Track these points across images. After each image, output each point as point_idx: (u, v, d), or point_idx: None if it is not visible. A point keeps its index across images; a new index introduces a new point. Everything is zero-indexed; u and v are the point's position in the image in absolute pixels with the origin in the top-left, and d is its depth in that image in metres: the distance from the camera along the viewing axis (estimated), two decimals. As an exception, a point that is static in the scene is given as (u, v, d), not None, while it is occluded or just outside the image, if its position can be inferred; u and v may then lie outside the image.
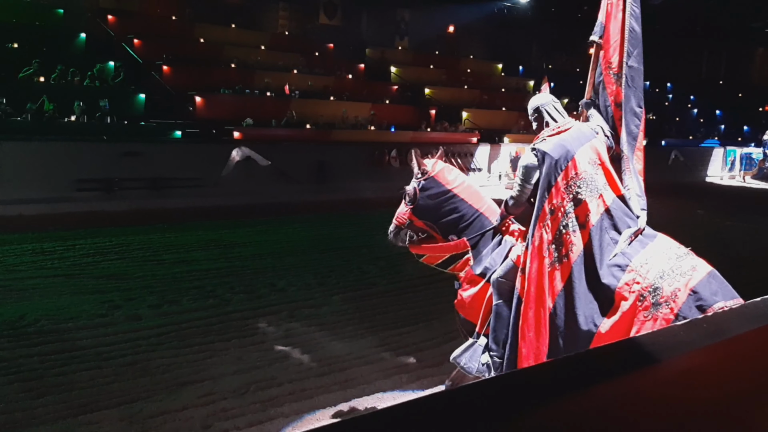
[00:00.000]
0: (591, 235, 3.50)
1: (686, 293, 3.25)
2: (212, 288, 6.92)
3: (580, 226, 3.53)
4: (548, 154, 3.62)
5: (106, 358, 5.02)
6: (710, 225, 12.41)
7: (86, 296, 6.52)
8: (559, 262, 3.54)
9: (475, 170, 17.80)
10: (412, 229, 4.36)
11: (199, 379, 4.68)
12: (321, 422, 4.11)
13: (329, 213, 12.29)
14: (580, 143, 3.67)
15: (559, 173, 3.59)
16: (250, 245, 9.20)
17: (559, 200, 3.57)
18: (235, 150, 13.61)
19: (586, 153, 3.64)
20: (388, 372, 4.92)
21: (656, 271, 3.35)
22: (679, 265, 3.36)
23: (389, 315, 6.28)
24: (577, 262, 3.49)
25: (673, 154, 23.05)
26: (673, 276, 3.32)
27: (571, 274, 3.50)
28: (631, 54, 3.89)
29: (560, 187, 3.57)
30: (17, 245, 8.50)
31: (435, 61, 24.83)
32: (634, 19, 3.91)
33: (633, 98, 3.91)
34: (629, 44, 3.89)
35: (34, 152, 11.64)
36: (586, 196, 3.55)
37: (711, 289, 3.27)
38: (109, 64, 15.99)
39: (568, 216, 3.55)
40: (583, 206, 3.54)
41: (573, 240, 3.51)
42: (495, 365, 3.91)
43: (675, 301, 3.27)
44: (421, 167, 4.28)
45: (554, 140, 3.70)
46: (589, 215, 3.52)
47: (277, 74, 18.78)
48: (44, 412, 4.16)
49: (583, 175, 3.58)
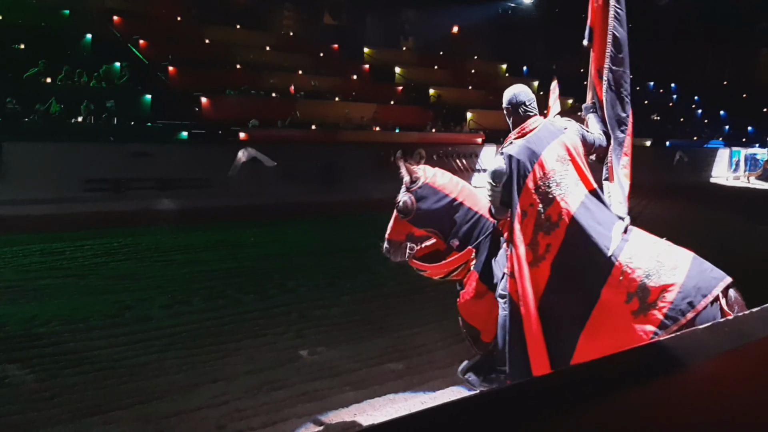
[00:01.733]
0: (566, 233, 3.48)
1: (674, 293, 3.28)
2: (222, 288, 6.95)
3: (553, 225, 3.50)
4: (514, 158, 3.59)
5: (119, 358, 5.04)
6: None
7: (97, 297, 6.55)
8: (536, 263, 3.54)
9: (480, 171, 17.80)
10: (411, 240, 4.30)
11: (212, 379, 4.70)
12: (334, 423, 4.14)
13: (337, 214, 12.32)
14: (547, 142, 3.63)
15: (527, 175, 3.55)
16: (259, 246, 9.23)
17: (531, 202, 3.54)
18: (242, 151, 13.64)
19: (553, 150, 3.60)
20: (400, 373, 4.93)
21: (642, 270, 3.37)
22: (662, 262, 3.38)
23: (400, 316, 6.29)
24: (554, 262, 3.49)
25: (677, 155, 23.04)
26: (658, 275, 3.33)
27: (550, 275, 3.50)
28: (615, 57, 3.83)
29: (530, 189, 3.54)
30: (27, 246, 8.54)
31: (440, 61, 24.84)
32: (618, 22, 3.81)
33: (617, 103, 3.85)
34: (612, 47, 3.82)
35: (43, 153, 11.70)
36: (557, 194, 3.52)
37: (695, 285, 3.31)
38: (115, 64, 16.04)
39: (540, 216, 3.52)
40: (555, 205, 3.51)
41: (548, 240, 3.50)
42: (500, 380, 3.92)
43: (664, 301, 3.30)
44: (413, 175, 4.19)
45: (520, 143, 3.66)
46: (562, 213, 3.49)
47: (282, 75, 18.84)
48: (59, 412, 4.18)
49: (551, 174, 3.54)
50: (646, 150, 22.26)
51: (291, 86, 18.05)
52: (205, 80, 16.84)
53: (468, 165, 17.49)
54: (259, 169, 13.67)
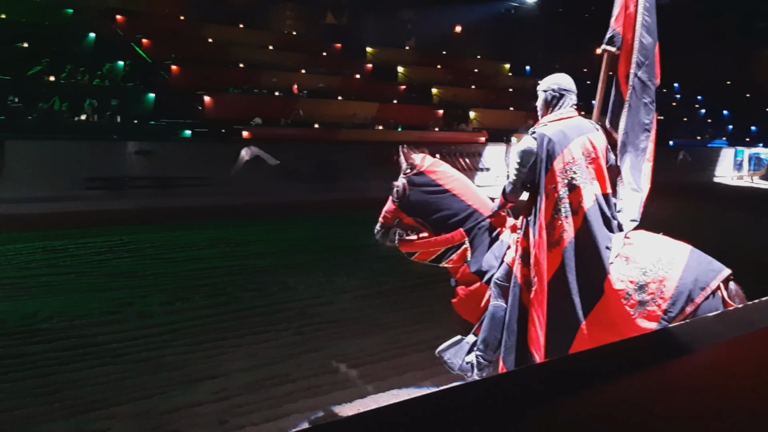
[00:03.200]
0: (583, 221, 3.49)
1: (672, 288, 3.27)
2: (223, 286, 6.94)
3: (573, 212, 3.51)
4: (547, 137, 3.60)
5: (119, 354, 5.03)
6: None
7: (98, 294, 6.54)
8: (551, 247, 3.53)
9: (483, 170, 17.79)
10: (401, 227, 4.25)
11: (213, 375, 4.69)
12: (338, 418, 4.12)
13: (337, 212, 12.30)
14: (579, 133, 3.64)
15: (555, 157, 3.56)
16: (259, 244, 9.22)
17: (554, 185, 3.55)
18: (244, 149, 13.64)
19: (582, 143, 3.61)
20: (401, 369, 4.91)
21: (639, 267, 3.37)
22: (659, 257, 3.38)
23: (400, 313, 6.27)
24: (567, 249, 3.48)
25: (680, 155, 22.99)
26: (655, 271, 3.33)
27: (562, 261, 3.49)
28: (641, 65, 3.85)
29: (556, 172, 3.55)
30: (28, 243, 8.53)
31: (442, 61, 24.83)
32: (646, 29, 3.85)
33: (642, 109, 3.85)
34: (639, 54, 3.85)
35: (44, 151, 11.72)
36: (580, 182, 3.53)
37: (694, 278, 3.30)
38: (118, 63, 16.06)
39: (561, 201, 3.52)
40: (576, 192, 3.52)
41: (565, 226, 3.50)
42: (480, 366, 3.87)
43: (662, 297, 3.29)
44: (409, 161, 4.18)
45: (555, 126, 3.67)
46: (582, 202, 3.50)
47: (284, 74, 18.84)
48: (59, 407, 4.17)
49: (578, 162, 3.56)
50: (649, 150, 22.16)
51: (294, 85, 18.05)
52: (207, 79, 16.86)
53: (471, 164, 17.48)
54: (261, 168, 13.68)
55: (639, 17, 3.85)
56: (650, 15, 3.87)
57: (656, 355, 1.49)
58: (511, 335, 3.67)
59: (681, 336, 1.53)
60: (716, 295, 3.30)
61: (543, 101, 3.83)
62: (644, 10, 3.86)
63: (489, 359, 3.83)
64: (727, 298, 3.30)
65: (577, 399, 1.33)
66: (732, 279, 3.39)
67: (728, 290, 3.33)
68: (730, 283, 3.36)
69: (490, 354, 3.82)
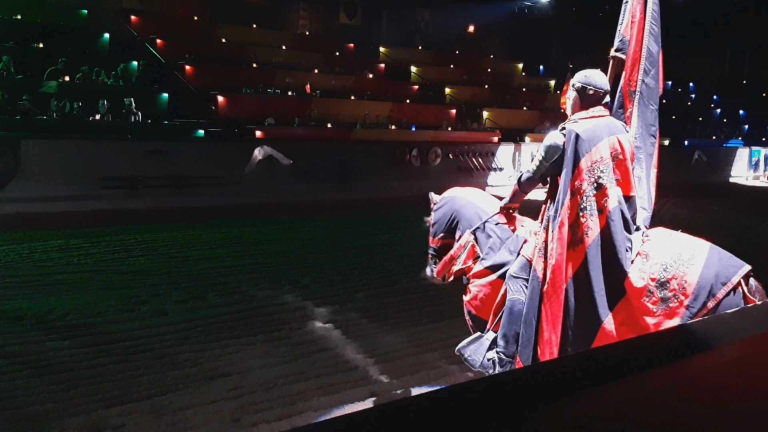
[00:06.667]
0: (607, 221, 3.49)
1: (693, 284, 3.27)
2: (237, 284, 6.96)
3: (598, 210, 3.51)
4: (577, 133, 3.59)
5: (134, 351, 5.05)
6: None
7: (113, 291, 6.58)
8: (573, 245, 3.51)
9: (497, 170, 17.72)
10: (438, 254, 4.54)
11: (227, 372, 4.70)
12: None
13: (351, 211, 12.30)
14: (609, 132, 3.64)
15: (584, 155, 3.55)
16: (273, 243, 9.24)
17: (580, 182, 3.54)
18: (258, 149, 13.68)
19: (611, 143, 3.61)
20: (415, 368, 4.91)
21: (660, 264, 3.38)
22: (679, 253, 3.37)
23: (414, 312, 6.27)
24: (591, 247, 3.47)
25: (696, 155, 22.80)
26: (676, 267, 3.32)
27: (585, 259, 3.48)
28: (648, 72, 3.90)
29: (583, 169, 3.54)
30: (44, 242, 8.60)
31: (455, 60, 24.76)
32: (653, 38, 3.93)
33: (649, 115, 3.92)
34: (647, 62, 3.90)
35: (60, 151, 11.79)
36: (606, 182, 3.53)
37: (714, 273, 3.30)
38: (132, 63, 16.13)
39: (587, 199, 3.53)
40: (602, 191, 3.52)
41: (590, 224, 3.49)
42: (501, 362, 3.87)
43: (684, 293, 3.28)
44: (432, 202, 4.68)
45: (587, 123, 3.66)
46: (607, 202, 3.50)
47: (298, 74, 18.86)
48: (75, 404, 4.20)
49: (606, 161, 3.56)
50: (664, 150, 21.80)
51: (307, 85, 18.08)
52: (221, 79, 16.90)
53: (484, 164, 17.42)
54: (274, 167, 13.71)
55: (646, 26, 3.92)
56: (656, 24, 3.96)
57: (677, 351, 1.47)
58: (528, 328, 3.67)
59: (702, 332, 1.51)
60: (737, 291, 3.29)
61: (575, 97, 3.81)
62: (651, 19, 3.94)
63: (510, 355, 3.82)
64: (748, 294, 3.28)
65: (596, 395, 1.31)
66: (752, 275, 3.36)
67: (749, 286, 3.31)
68: (750, 279, 3.34)
69: (511, 349, 3.81)
